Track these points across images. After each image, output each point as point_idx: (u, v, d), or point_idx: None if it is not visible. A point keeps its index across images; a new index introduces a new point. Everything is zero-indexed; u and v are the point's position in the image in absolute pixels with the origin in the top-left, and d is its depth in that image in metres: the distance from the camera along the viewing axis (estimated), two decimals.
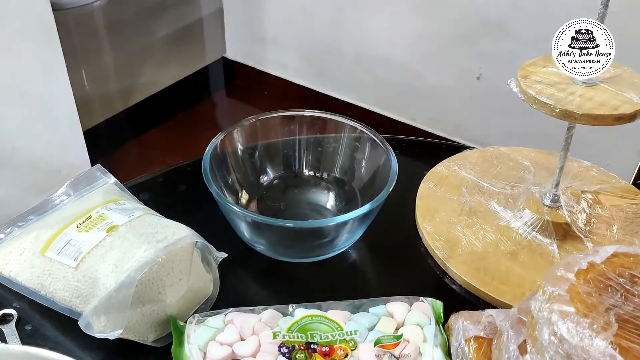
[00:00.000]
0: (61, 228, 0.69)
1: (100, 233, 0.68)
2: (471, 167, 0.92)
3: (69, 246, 0.67)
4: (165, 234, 0.67)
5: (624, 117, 0.68)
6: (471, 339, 0.61)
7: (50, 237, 0.69)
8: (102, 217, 0.70)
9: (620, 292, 0.49)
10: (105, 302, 0.62)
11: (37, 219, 0.73)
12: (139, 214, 0.71)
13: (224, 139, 0.81)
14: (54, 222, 0.71)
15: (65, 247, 0.67)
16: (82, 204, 0.74)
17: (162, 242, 0.65)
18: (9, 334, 0.66)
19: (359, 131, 0.83)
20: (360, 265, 0.81)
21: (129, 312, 0.62)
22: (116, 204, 0.73)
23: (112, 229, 0.68)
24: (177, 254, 0.66)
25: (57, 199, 0.76)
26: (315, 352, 0.61)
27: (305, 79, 2.48)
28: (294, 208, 0.86)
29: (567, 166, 0.83)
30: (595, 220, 0.82)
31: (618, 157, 1.83)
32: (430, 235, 0.81)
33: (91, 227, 0.68)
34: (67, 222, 0.70)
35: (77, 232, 0.68)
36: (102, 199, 0.74)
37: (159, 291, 0.65)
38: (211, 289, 0.72)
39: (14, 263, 0.69)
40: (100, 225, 0.69)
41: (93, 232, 0.68)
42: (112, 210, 0.71)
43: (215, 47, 2.66)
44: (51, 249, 0.68)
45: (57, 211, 0.74)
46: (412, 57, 2.14)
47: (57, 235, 0.69)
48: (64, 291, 0.66)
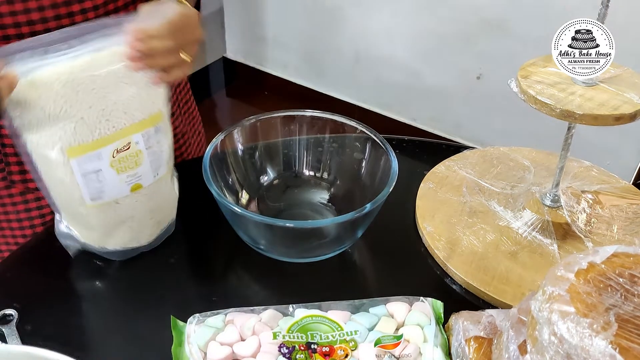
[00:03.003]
0: (99, 141, 0.65)
1: (125, 187, 0.69)
2: (471, 167, 0.92)
3: (94, 178, 0.66)
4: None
5: (624, 117, 0.68)
6: (471, 339, 0.61)
7: (88, 145, 0.65)
8: (137, 159, 0.68)
9: (620, 292, 0.49)
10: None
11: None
12: (164, 172, 0.73)
13: (224, 139, 0.81)
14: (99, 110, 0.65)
15: (92, 175, 0.66)
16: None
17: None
18: (9, 334, 0.66)
19: (359, 131, 0.83)
20: (360, 265, 0.80)
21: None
22: (155, 130, 0.70)
23: (136, 189, 0.70)
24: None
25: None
26: (315, 352, 0.61)
27: (305, 79, 2.48)
28: (294, 208, 0.86)
29: (567, 166, 0.83)
30: (595, 220, 0.82)
31: (618, 157, 1.83)
32: (430, 235, 0.81)
33: (122, 170, 0.68)
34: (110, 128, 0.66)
35: (110, 167, 0.67)
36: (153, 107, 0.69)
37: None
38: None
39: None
40: (130, 174, 0.68)
41: (121, 178, 0.68)
42: (147, 150, 0.69)
43: (215, 47, 2.66)
44: (79, 162, 0.65)
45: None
46: (412, 57, 2.14)
47: (93, 149, 0.66)
48: (60, 198, 0.69)
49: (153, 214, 0.75)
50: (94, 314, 0.72)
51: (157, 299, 0.73)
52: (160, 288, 0.75)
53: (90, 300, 0.73)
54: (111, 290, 0.74)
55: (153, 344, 0.66)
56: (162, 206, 0.76)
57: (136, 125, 0.67)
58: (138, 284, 0.75)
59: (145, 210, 0.73)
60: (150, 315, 0.70)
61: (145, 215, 0.74)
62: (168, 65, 0.67)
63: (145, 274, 0.76)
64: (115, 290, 0.74)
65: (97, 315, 0.71)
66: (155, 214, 0.75)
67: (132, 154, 0.68)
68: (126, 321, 0.70)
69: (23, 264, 0.77)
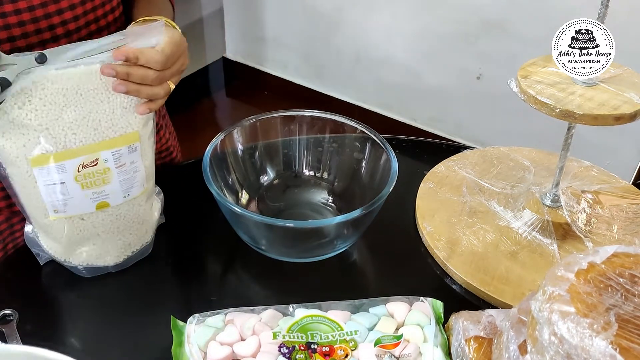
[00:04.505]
0: (63, 154, 0.64)
1: (90, 204, 0.68)
2: (471, 167, 0.92)
3: (57, 190, 0.65)
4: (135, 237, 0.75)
5: (624, 117, 0.68)
6: (471, 339, 0.61)
7: (51, 156, 0.64)
8: (105, 177, 0.67)
9: (620, 292, 0.49)
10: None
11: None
12: (136, 193, 0.71)
13: (224, 139, 0.81)
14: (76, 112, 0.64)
15: (54, 187, 0.65)
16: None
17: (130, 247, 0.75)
18: (9, 334, 0.66)
19: (359, 131, 0.83)
20: (360, 265, 0.80)
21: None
22: (129, 149, 0.68)
23: (103, 207, 0.69)
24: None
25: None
26: (315, 352, 0.61)
27: (305, 78, 2.48)
28: (294, 208, 0.86)
29: (567, 166, 0.83)
30: (595, 220, 0.82)
31: (618, 157, 1.83)
32: (430, 235, 0.81)
33: (88, 186, 0.66)
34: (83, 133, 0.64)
35: (74, 182, 0.66)
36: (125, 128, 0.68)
37: None
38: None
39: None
40: (97, 191, 0.67)
41: (86, 194, 0.67)
42: (117, 169, 0.68)
43: (215, 47, 2.66)
44: (42, 173, 0.64)
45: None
46: (412, 57, 2.14)
47: (57, 160, 0.65)
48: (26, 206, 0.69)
49: (122, 235, 0.73)
50: (95, 314, 0.71)
51: (157, 299, 0.73)
52: (161, 288, 0.75)
53: (91, 301, 0.73)
54: (111, 290, 0.74)
55: (153, 344, 0.66)
56: (133, 228, 0.74)
57: (106, 143, 0.66)
58: (138, 284, 0.75)
59: (112, 230, 0.72)
60: (151, 315, 0.70)
61: (112, 235, 0.72)
62: (155, 94, 0.67)
63: (145, 274, 0.76)
64: (116, 290, 0.74)
65: (97, 316, 0.71)
66: (124, 235, 0.73)
67: (99, 170, 0.67)
68: (126, 321, 0.70)
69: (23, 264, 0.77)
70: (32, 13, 0.69)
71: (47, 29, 0.70)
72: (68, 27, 0.72)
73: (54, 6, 0.70)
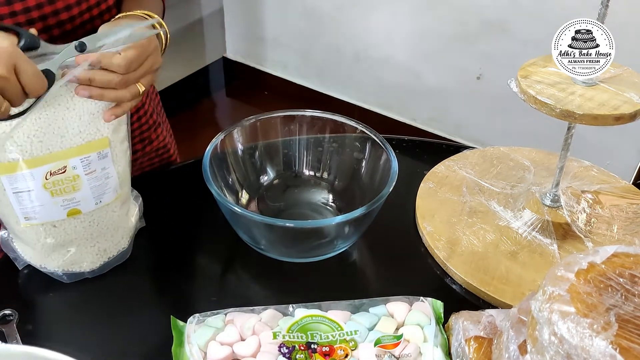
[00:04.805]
0: (30, 162, 0.63)
1: (61, 211, 0.67)
2: (471, 167, 0.92)
3: (27, 197, 0.65)
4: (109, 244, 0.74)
5: (624, 117, 0.68)
6: (471, 339, 0.61)
7: (17, 164, 0.63)
8: (74, 184, 0.66)
9: (620, 292, 0.49)
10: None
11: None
12: (109, 199, 0.70)
13: (224, 139, 0.81)
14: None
15: (23, 194, 0.65)
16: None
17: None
18: (9, 334, 0.66)
19: (359, 131, 0.83)
20: (360, 265, 0.80)
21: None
22: (99, 155, 0.68)
23: (74, 214, 0.68)
24: None
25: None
26: (315, 352, 0.61)
27: (305, 78, 2.48)
28: (294, 208, 0.86)
29: (567, 166, 0.83)
30: (595, 220, 0.82)
31: (618, 157, 1.83)
32: (430, 235, 0.81)
33: (57, 194, 0.66)
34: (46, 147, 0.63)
35: (43, 189, 0.65)
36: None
37: None
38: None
39: None
40: (67, 198, 0.66)
41: (56, 201, 0.66)
42: (87, 176, 0.67)
43: (215, 47, 2.66)
44: (9, 180, 0.64)
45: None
46: (412, 57, 2.14)
47: (23, 168, 0.64)
48: None
49: (96, 242, 0.73)
50: (95, 314, 0.71)
51: (158, 298, 0.73)
52: (161, 288, 0.75)
53: (91, 300, 0.73)
54: (111, 290, 0.74)
55: (153, 344, 0.66)
56: (107, 234, 0.73)
57: (74, 150, 0.65)
58: (138, 284, 0.75)
59: (85, 237, 0.71)
60: (151, 315, 0.70)
61: (86, 242, 0.72)
62: (119, 98, 0.66)
63: (145, 274, 0.76)
64: (116, 290, 0.74)
65: (97, 315, 0.71)
66: (99, 241, 0.73)
67: (68, 178, 0.66)
68: (127, 321, 0.70)
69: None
70: (27, 15, 0.68)
71: (44, 31, 0.70)
72: (65, 27, 0.72)
73: (50, 7, 0.70)
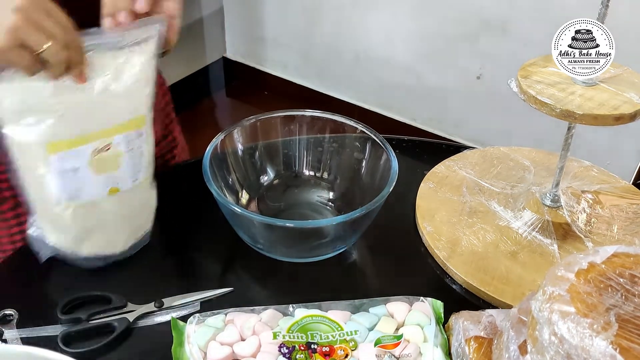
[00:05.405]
0: (79, 139, 0.64)
1: (102, 189, 0.68)
2: (471, 167, 0.92)
3: (72, 176, 0.65)
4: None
5: (624, 117, 0.68)
6: (471, 339, 0.61)
7: (67, 142, 0.64)
8: (116, 160, 0.67)
9: (620, 292, 0.49)
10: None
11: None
12: (142, 177, 0.72)
13: (224, 139, 0.81)
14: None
15: (69, 173, 0.65)
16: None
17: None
18: (9, 334, 0.66)
19: (359, 131, 0.83)
20: (360, 265, 0.80)
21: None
22: (137, 133, 0.69)
23: (114, 192, 0.69)
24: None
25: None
26: (315, 352, 0.61)
27: (305, 78, 2.48)
28: (294, 208, 0.86)
29: (567, 166, 0.83)
30: (596, 220, 0.82)
31: (618, 157, 1.83)
32: (430, 235, 0.81)
33: (101, 171, 0.67)
34: (92, 125, 0.64)
35: (89, 167, 0.66)
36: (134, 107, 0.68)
37: None
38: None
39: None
40: (109, 175, 0.68)
41: (99, 179, 0.67)
42: (127, 153, 0.68)
43: (215, 47, 2.66)
44: (58, 159, 0.64)
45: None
46: (412, 57, 2.14)
47: (73, 146, 0.65)
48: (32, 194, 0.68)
49: (129, 221, 0.74)
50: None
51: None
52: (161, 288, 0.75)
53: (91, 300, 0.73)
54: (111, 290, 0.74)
55: (153, 343, 0.66)
56: (138, 214, 0.75)
57: (119, 127, 0.66)
58: (138, 283, 0.75)
59: (121, 216, 0.72)
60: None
61: (121, 221, 0.73)
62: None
63: (145, 273, 0.76)
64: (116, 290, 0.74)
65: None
66: (132, 220, 0.74)
67: (112, 155, 0.67)
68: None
69: (23, 264, 0.77)
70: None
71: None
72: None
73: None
